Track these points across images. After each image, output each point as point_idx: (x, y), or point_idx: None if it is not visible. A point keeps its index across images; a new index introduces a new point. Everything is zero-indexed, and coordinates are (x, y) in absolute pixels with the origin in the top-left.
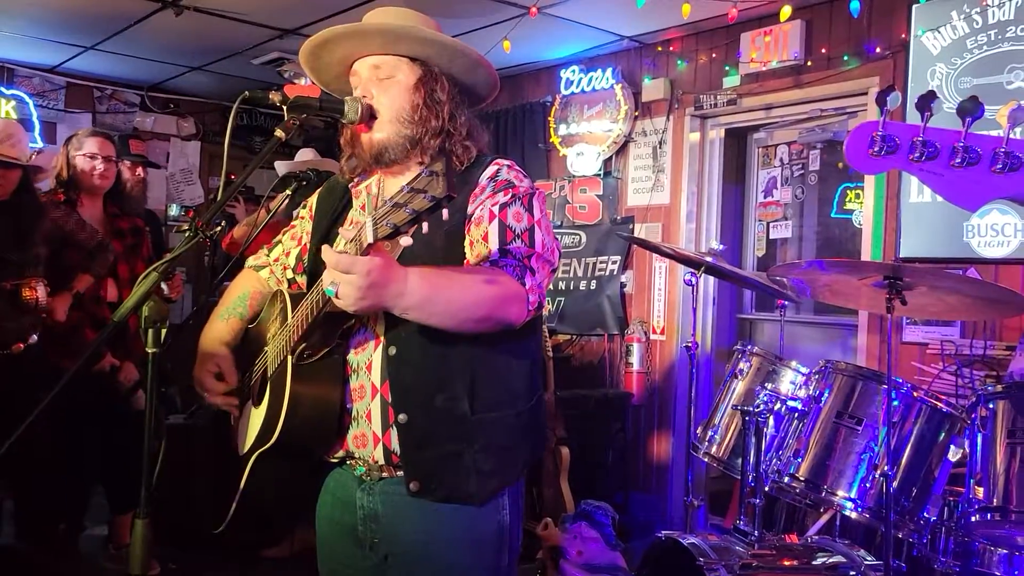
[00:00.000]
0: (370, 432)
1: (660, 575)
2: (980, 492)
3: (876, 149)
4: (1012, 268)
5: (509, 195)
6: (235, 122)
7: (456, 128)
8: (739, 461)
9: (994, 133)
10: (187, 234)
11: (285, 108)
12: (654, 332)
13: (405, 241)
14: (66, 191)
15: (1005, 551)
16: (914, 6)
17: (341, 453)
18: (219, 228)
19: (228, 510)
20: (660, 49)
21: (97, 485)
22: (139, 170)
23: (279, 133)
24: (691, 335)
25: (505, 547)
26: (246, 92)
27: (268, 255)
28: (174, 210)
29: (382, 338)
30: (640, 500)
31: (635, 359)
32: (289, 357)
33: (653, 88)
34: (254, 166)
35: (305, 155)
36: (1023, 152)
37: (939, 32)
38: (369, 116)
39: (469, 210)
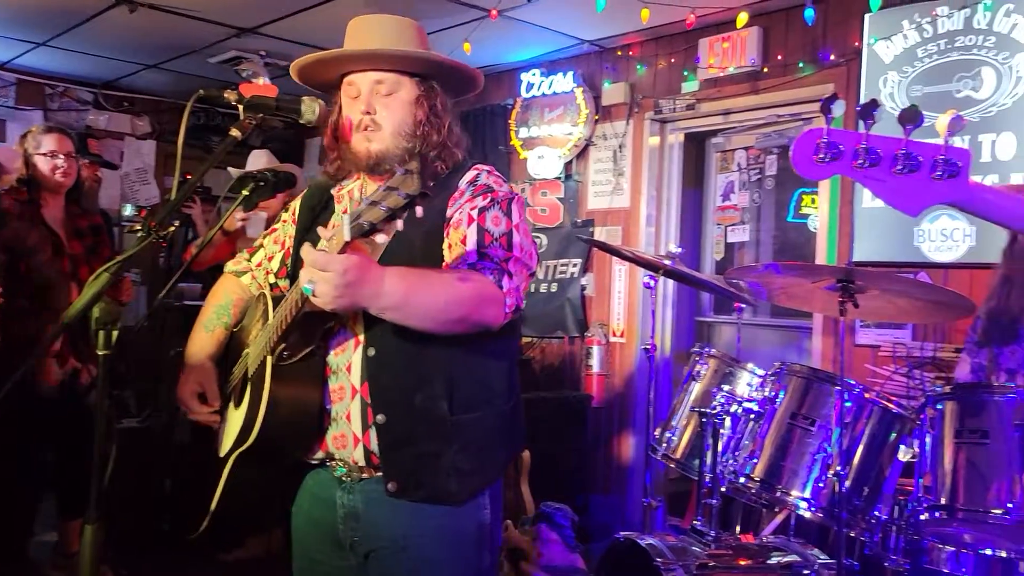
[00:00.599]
0: (350, 433)
1: (619, 575)
2: (929, 491)
3: (821, 156)
4: (961, 272)
5: (488, 199)
6: (190, 121)
7: (452, 139)
8: (697, 462)
9: (935, 141)
10: (140, 235)
11: (241, 107)
12: (614, 335)
13: (381, 239)
14: (28, 190)
15: (953, 548)
16: (867, 15)
17: (321, 454)
18: (173, 228)
19: (207, 511)
20: (620, 53)
21: (48, 490)
22: (98, 171)
23: (235, 132)
24: (650, 338)
25: (486, 546)
26: (201, 91)
27: (249, 260)
28: (128, 210)
29: (362, 339)
30: (600, 502)
31: (595, 361)
32: (268, 358)
33: (613, 92)
34: (209, 166)
35: (259, 157)
36: (961, 160)
37: (891, 41)
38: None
39: (448, 213)
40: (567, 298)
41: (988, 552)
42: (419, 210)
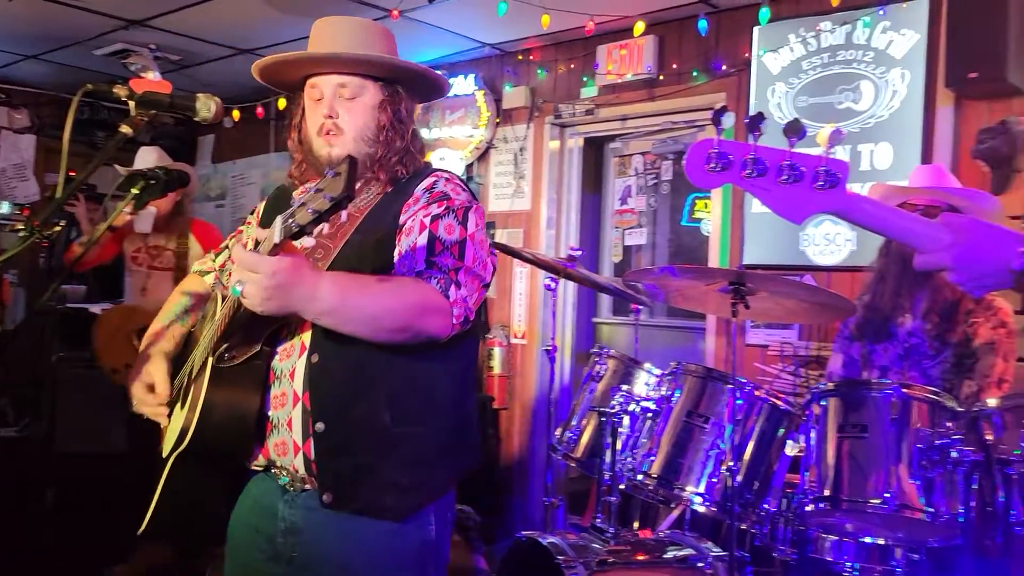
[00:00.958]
0: (291, 440)
1: (521, 575)
2: (814, 483)
3: (712, 165)
4: (843, 275)
5: (443, 207)
6: (76, 115)
7: (415, 145)
8: (597, 461)
9: (817, 152)
10: (22, 234)
11: (132, 103)
12: (515, 336)
13: (307, 242)
14: None
15: (836, 538)
16: (756, 28)
17: (263, 460)
18: (57, 228)
19: (147, 512)
20: (521, 58)
21: None
22: None
23: (125, 129)
24: (551, 339)
25: (430, 564)
26: (88, 84)
27: (214, 260)
28: (5, 207)
29: (306, 345)
30: (500, 503)
31: (496, 363)
32: (210, 359)
33: (514, 96)
34: (97, 163)
35: (148, 154)
36: (840, 171)
37: (778, 53)
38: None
39: (401, 219)
40: None
41: (867, 540)
42: (343, 214)
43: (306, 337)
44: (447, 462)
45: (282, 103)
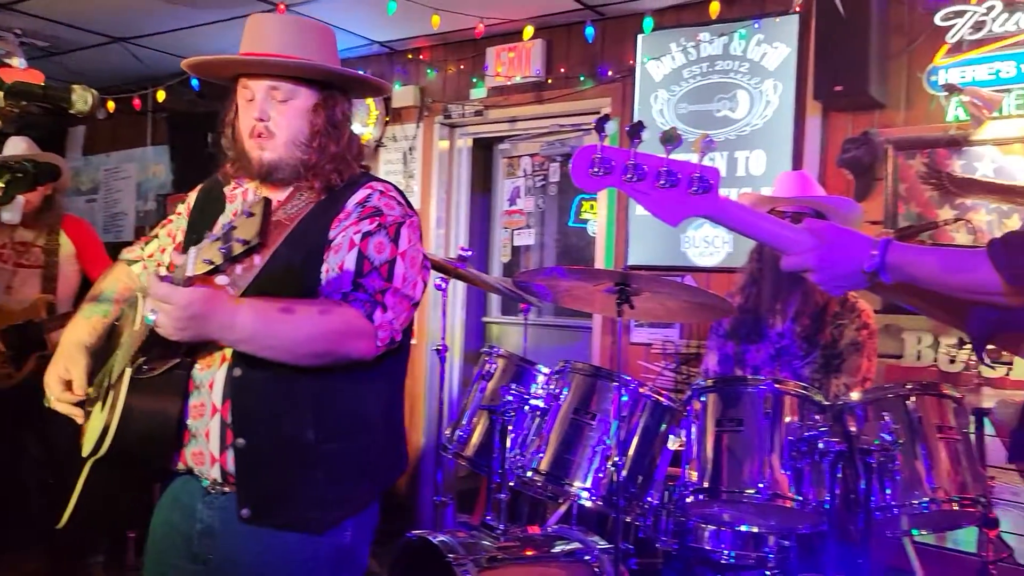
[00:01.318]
0: (207, 452)
1: (411, 574)
2: (694, 476)
3: (595, 170)
4: (721, 276)
5: (375, 224)
6: None
7: (351, 151)
8: (487, 459)
9: (691, 159)
10: None
11: (1, 94)
12: None
13: (221, 280)
14: None
15: (714, 527)
16: (640, 36)
17: (182, 467)
18: None
19: (64, 510)
20: (410, 57)
21: None
22: None
23: None
24: (441, 339)
25: (344, 568)
26: None
27: (143, 249)
28: None
29: (228, 357)
30: (390, 503)
31: None
32: (128, 369)
33: (403, 95)
34: None
35: (16, 144)
36: (713, 178)
37: (661, 61)
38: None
39: (330, 235)
40: None
41: (743, 528)
42: (256, 259)
43: (228, 349)
44: (372, 477)
45: (161, 95)
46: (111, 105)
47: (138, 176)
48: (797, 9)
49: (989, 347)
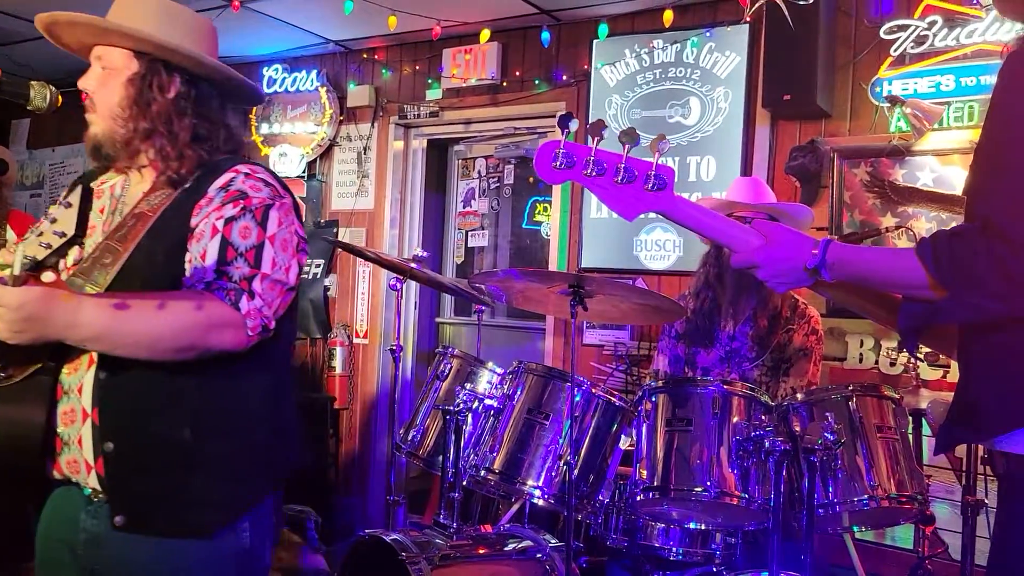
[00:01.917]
0: (82, 459)
1: (363, 573)
2: (644, 474)
3: (557, 163)
4: (672, 279)
5: (239, 207)
6: None
7: (172, 131)
8: (440, 458)
9: (648, 159)
10: None
11: None
12: (357, 336)
13: (47, 277)
14: None
15: (663, 525)
16: (595, 42)
17: (58, 476)
18: None
19: None
20: (365, 56)
21: None
22: None
23: None
24: (396, 339)
25: (247, 571)
26: None
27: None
28: None
29: (95, 359)
30: (342, 503)
31: (338, 363)
32: None
33: (358, 94)
34: None
35: None
36: (668, 176)
37: (615, 67)
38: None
39: (192, 223)
40: (309, 299)
41: (691, 526)
42: (77, 250)
43: (93, 351)
44: (260, 474)
45: None
46: (60, 99)
47: (84, 171)
48: (748, 19)
49: (925, 350)
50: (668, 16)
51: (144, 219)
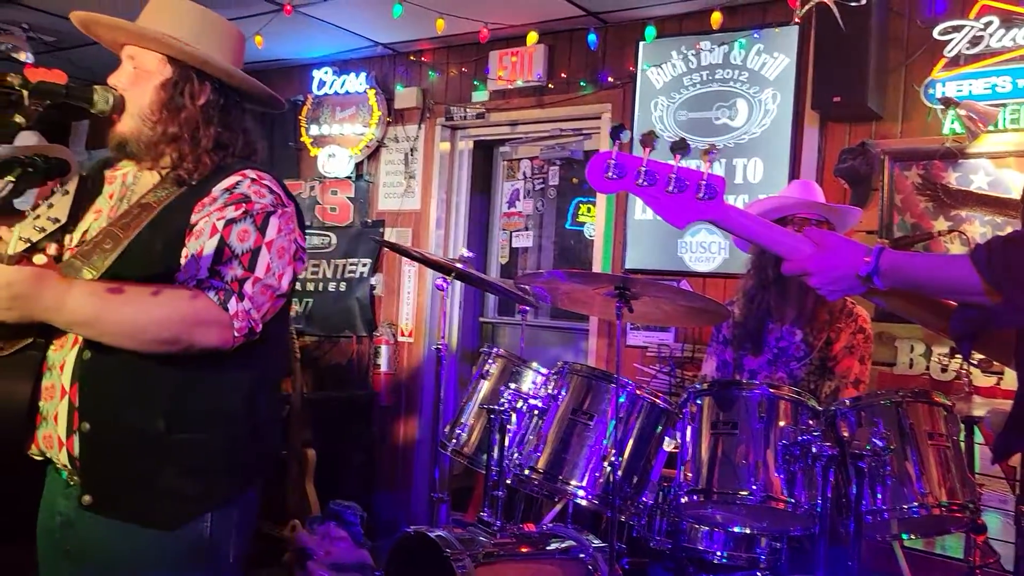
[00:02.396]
0: (55, 435)
1: (407, 569)
2: (689, 477)
3: (609, 174)
4: (717, 281)
5: (240, 211)
6: None
7: (196, 138)
8: (485, 456)
9: (699, 167)
10: None
11: (26, 93)
12: (402, 334)
13: (39, 259)
14: None
15: (707, 528)
16: (641, 43)
17: (35, 451)
18: None
19: None
20: (413, 58)
21: None
22: None
23: (19, 119)
24: (441, 338)
25: (203, 561)
26: None
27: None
28: None
29: (80, 340)
30: (386, 499)
31: (383, 361)
32: None
33: (406, 96)
34: None
35: (26, 138)
36: (719, 185)
37: (661, 68)
38: (121, 107)
39: (192, 219)
40: (356, 297)
41: (736, 530)
42: (69, 237)
43: None
44: (231, 473)
45: None
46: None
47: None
48: (797, 20)
49: (979, 356)
50: (716, 18)
51: (148, 210)
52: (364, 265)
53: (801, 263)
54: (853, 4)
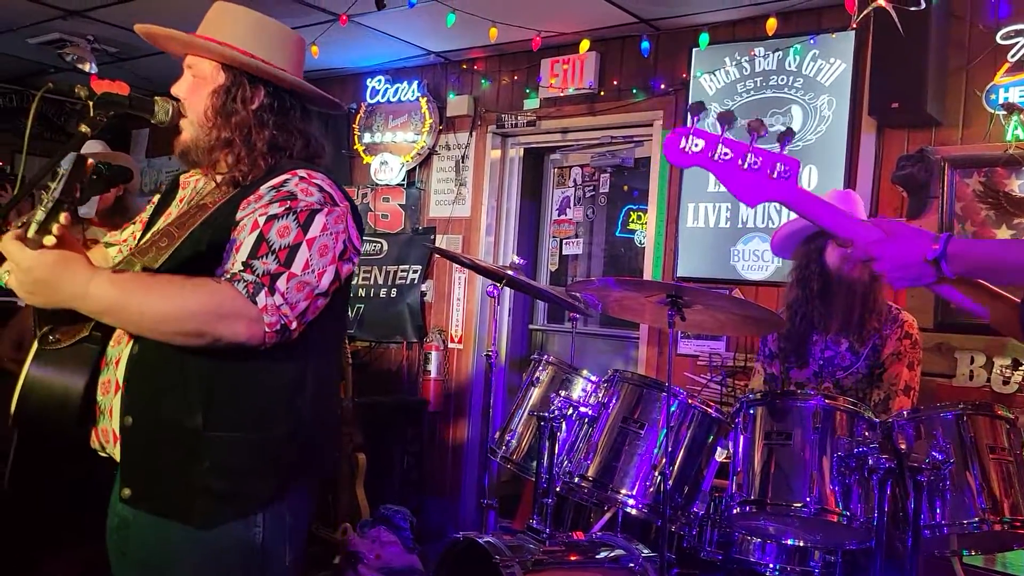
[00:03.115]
0: (111, 429)
1: (457, 575)
2: (741, 487)
3: (686, 146)
4: (770, 289)
5: (284, 207)
6: (4, 104)
7: (250, 141)
8: (534, 464)
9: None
10: None
11: (91, 104)
12: (452, 341)
13: (48, 241)
14: None
15: (759, 540)
16: (694, 50)
17: (95, 445)
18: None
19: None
20: (465, 67)
21: None
22: None
23: (85, 128)
24: (491, 345)
25: (253, 569)
26: (51, 83)
27: (121, 234)
28: None
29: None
30: (435, 504)
31: (433, 367)
32: (36, 339)
33: (457, 104)
34: (55, 162)
35: (91, 146)
36: (793, 167)
37: (714, 75)
38: (179, 117)
39: (238, 216)
40: (406, 304)
41: (789, 542)
42: (63, 216)
43: None
44: (269, 475)
45: None
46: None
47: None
48: (854, 26)
49: None
50: (771, 24)
51: (204, 210)
52: (415, 272)
53: (867, 248)
54: (912, 8)
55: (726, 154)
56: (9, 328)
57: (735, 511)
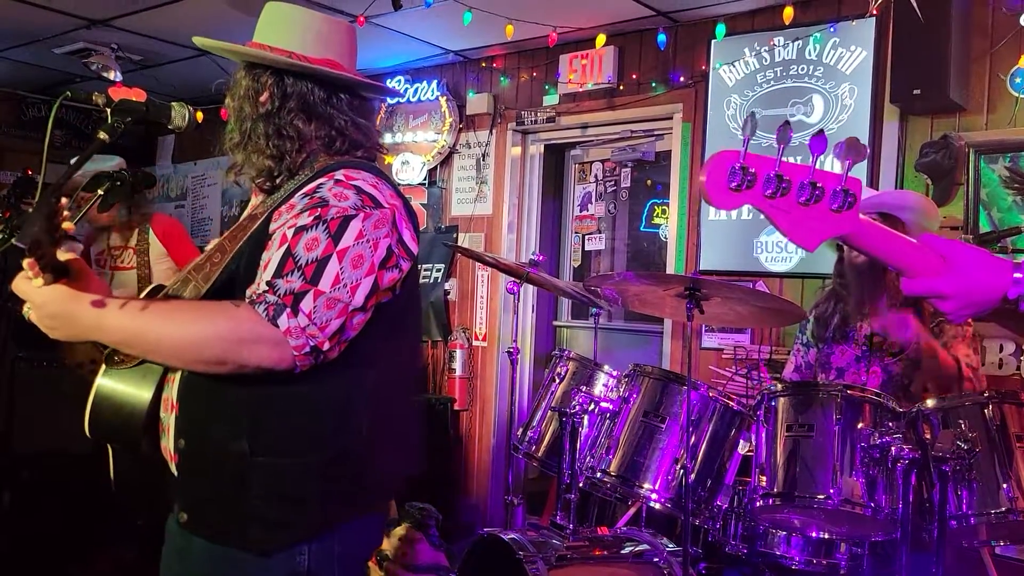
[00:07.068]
0: (170, 448)
1: (482, 571)
2: (764, 480)
3: (736, 184)
4: (794, 281)
5: (313, 216)
6: (28, 113)
7: (269, 140)
8: (557, 459)
9: (835, 171)
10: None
11: (109, 111)
12: (476, 339)
13: (45, 281)
14: None
15: (784, 532)
16: (712, 42)
17: (165, 458)
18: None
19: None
20: (484, 65)
21: None
22: None
23: (103, 136)
24: (513, 342)
25: None
26: (68, 91)
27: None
28: None
29: None
30: (461, 501)
31: (458, 365)
32: (104, 359)
33: (477, 102)
34: (74, 168)
35: (107, 163)
36: (856, 190)
37: (734, 66)
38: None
39: (271, 228)
40: (430, 303)
41: (813, 535)
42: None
43: None
44: (323, 499)
45: None
46: (199, 115)
47: (223, 183)
48: (874, 12)
49: None
50: (789, 13)
51: (254, 221)
52: (438, 270)
53: (930, 283)
54: None
55: (784, 185)
56: None
57: (759, 504)
